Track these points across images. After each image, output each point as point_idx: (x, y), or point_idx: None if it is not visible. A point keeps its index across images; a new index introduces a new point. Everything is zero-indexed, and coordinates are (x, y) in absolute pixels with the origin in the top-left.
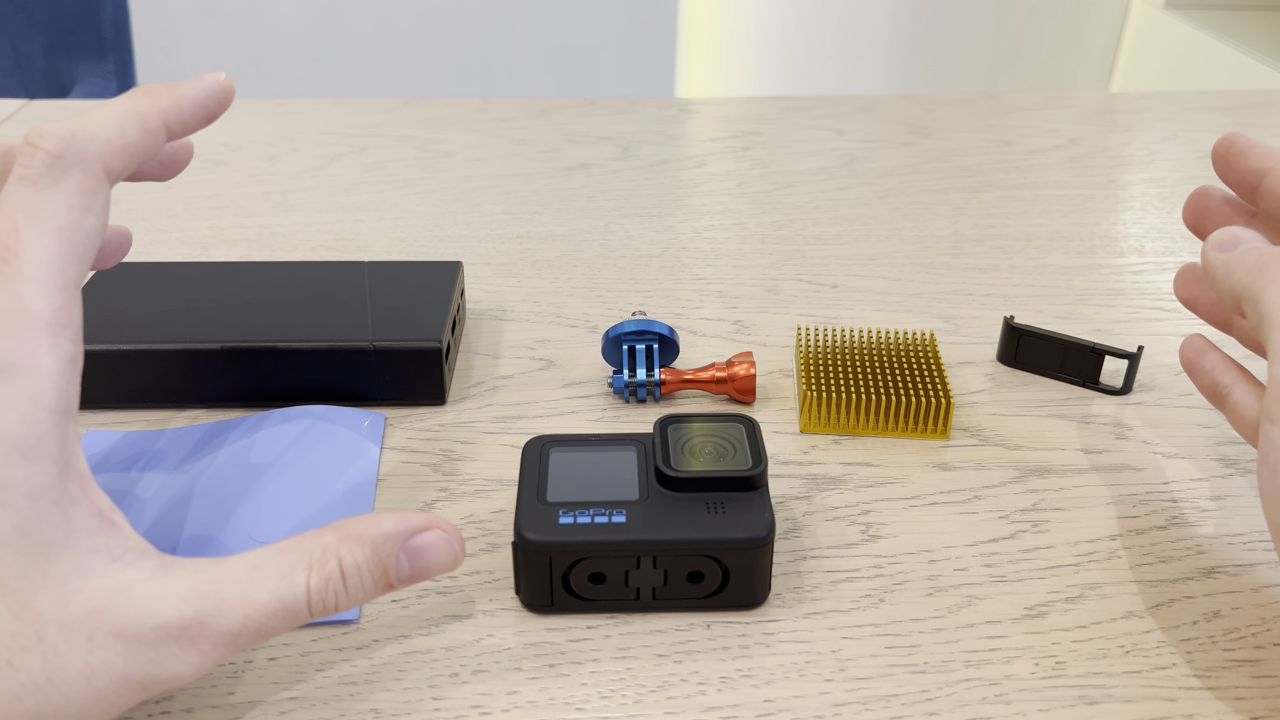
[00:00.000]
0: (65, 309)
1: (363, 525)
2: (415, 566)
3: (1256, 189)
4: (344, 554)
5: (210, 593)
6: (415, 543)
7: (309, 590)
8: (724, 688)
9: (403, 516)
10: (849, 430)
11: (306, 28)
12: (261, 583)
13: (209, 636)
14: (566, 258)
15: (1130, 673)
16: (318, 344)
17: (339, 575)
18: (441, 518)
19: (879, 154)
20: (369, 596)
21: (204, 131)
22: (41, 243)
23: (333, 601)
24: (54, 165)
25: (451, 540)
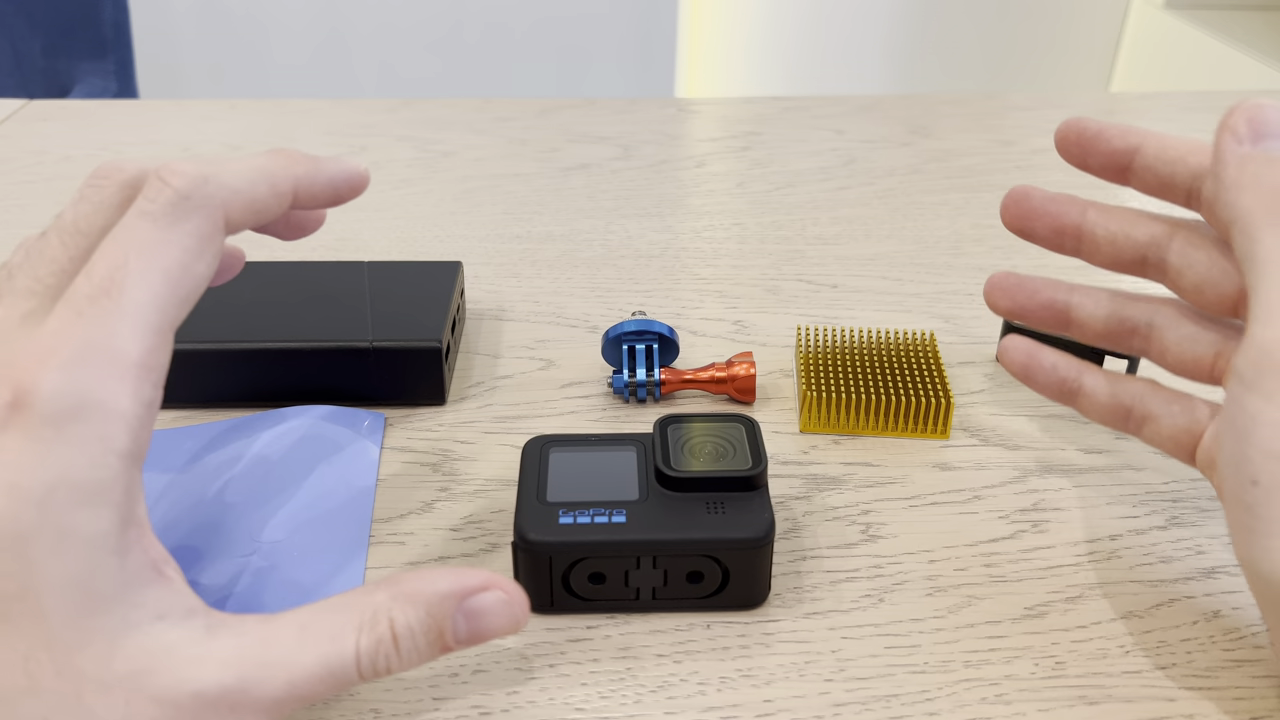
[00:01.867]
0: (155, 352)
1: (418, 584)
2: (473, 629)
3: (1129, 169)
4: (396, 615)
5: (254, 657)
6: (473, 604)
7: (359, 655)
8: (724, 688)
9: (461, 575)
10: (849, 430)
11: (306, 28)
12: (309, 646)
13: (250, 704)
14: (566, 258)
15: (1130, 673)
16: (318, 344)
17: (390, 638)
18: (502, 577)
19: (879, 154)
20: (423, 660)
21: (204, 132)
22: (146, 282)
23: (384, 665)
24: (178, 205)
25: (513, 602)
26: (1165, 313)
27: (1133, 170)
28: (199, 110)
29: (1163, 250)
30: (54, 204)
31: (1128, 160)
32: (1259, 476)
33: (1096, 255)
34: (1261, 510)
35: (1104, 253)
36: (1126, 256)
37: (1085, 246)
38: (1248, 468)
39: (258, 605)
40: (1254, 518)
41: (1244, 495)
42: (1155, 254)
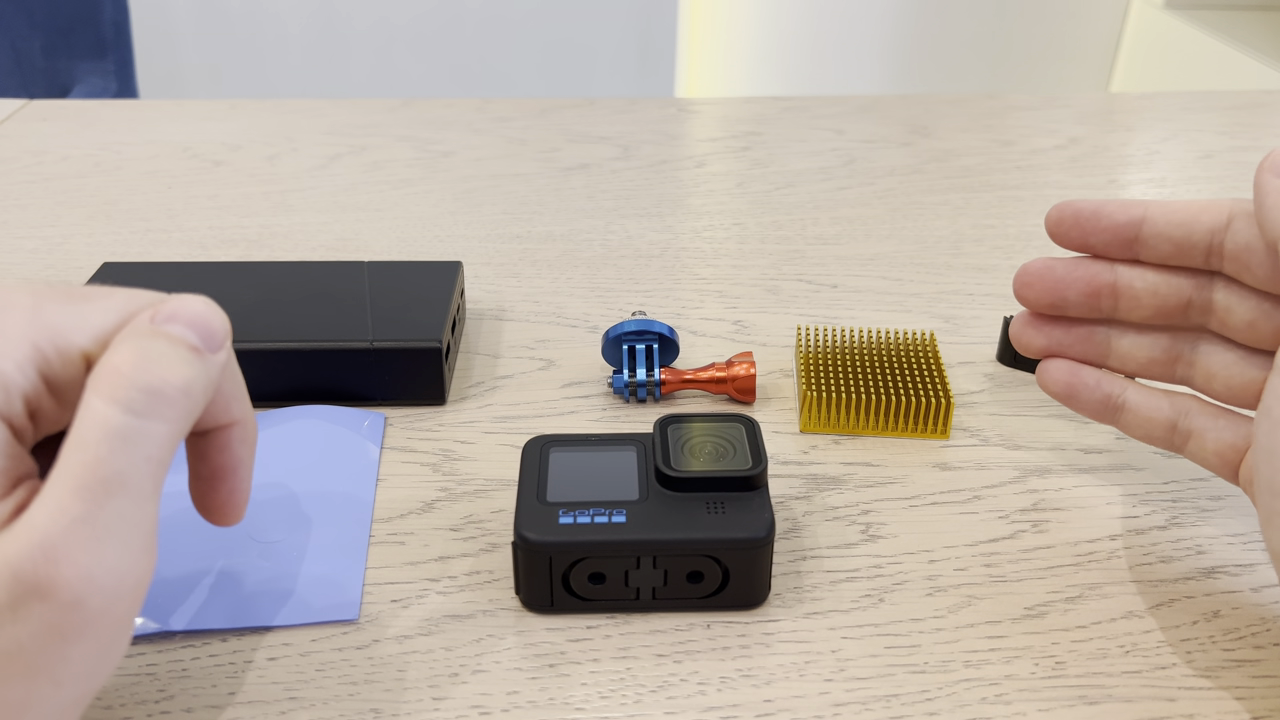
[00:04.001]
0: (60, 350)
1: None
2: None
3: (1136, 239)
4: (113, 357)
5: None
6: (165, 311)
7: (100, 401)
8: (724, 688)
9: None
10: (849, 430)
11: (306, 27)
12: (66, 442)
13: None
14: (566, 258)
15: (1130, 673)
16: (318, 344)
17: (114, 368)
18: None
19: (879, 154)
20: (183, 362)
21: (204, 131)
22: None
23: (131, 383)
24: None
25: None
26: (1208, 339)
27: (1141, 241)
28: (199, 110)
29: (1207, 291)
30: (54, 204)
31: (1134, 233)
32: None
33: (1137, 311)
34: None
35: (1146, 305)
36: (1171, 304)
37: (1124, 304)
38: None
39: (258, 605)
40: None
41: (1277, 481)
42: (1200, 296)
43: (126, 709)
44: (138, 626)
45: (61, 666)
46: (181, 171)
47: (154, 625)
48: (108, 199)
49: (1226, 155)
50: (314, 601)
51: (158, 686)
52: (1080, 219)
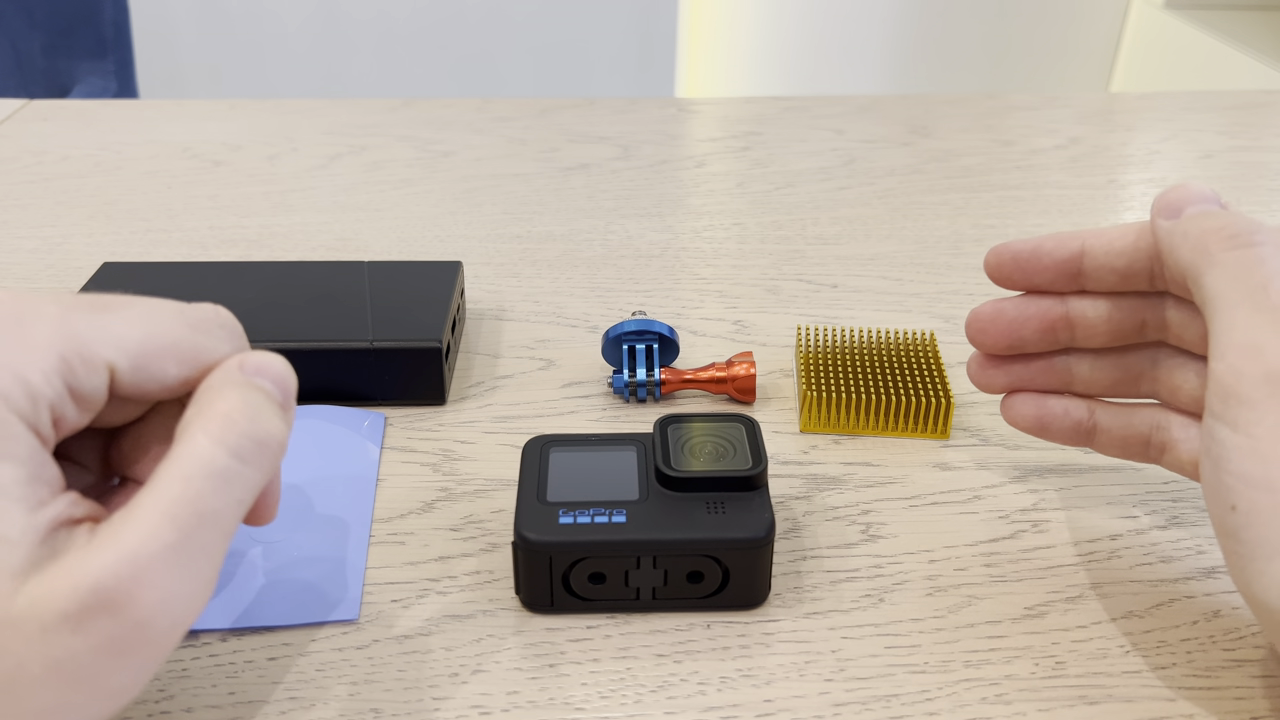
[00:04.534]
0: (86, 363)
1: (206, 405)
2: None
3: (1079, 273)
4: (219, 399)
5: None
6: (252, 364)
7: (210, 441)
8: (724, 688)
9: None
10: (849, 430)
11: (306, 27)
12: (168, 469)
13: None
14: (566, 258)
15: (1130, 673)
16: (318, 344)
17: (226, 414)
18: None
19: (879, 154)
20: (278, 417)
21: (204, 131)
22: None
23: (243, 431)
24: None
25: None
26: (1168, 352)
27: (1085, 274)
28: (199, 110)
29: (1159, 309)
30: (54, 204)
31: (1075, 267)
32: (1236, 501)
33: (1094, 338)
34: (1244, 534)
35: (1102, 332)
36: (1127, 327)
37: (1080, 334)
38: (1225, 494)
39: (258, 605)
40: (1238, 543)
41: (1226, 521)
42: (1154, 315)
43: (127, 709)
44: None
45: (105, 681)
46: (181, 171)
47: None
48: (108, 199)
49: (1226, 155)
50: (314, 601)
51: (158, 686)
52: (1020, 261)
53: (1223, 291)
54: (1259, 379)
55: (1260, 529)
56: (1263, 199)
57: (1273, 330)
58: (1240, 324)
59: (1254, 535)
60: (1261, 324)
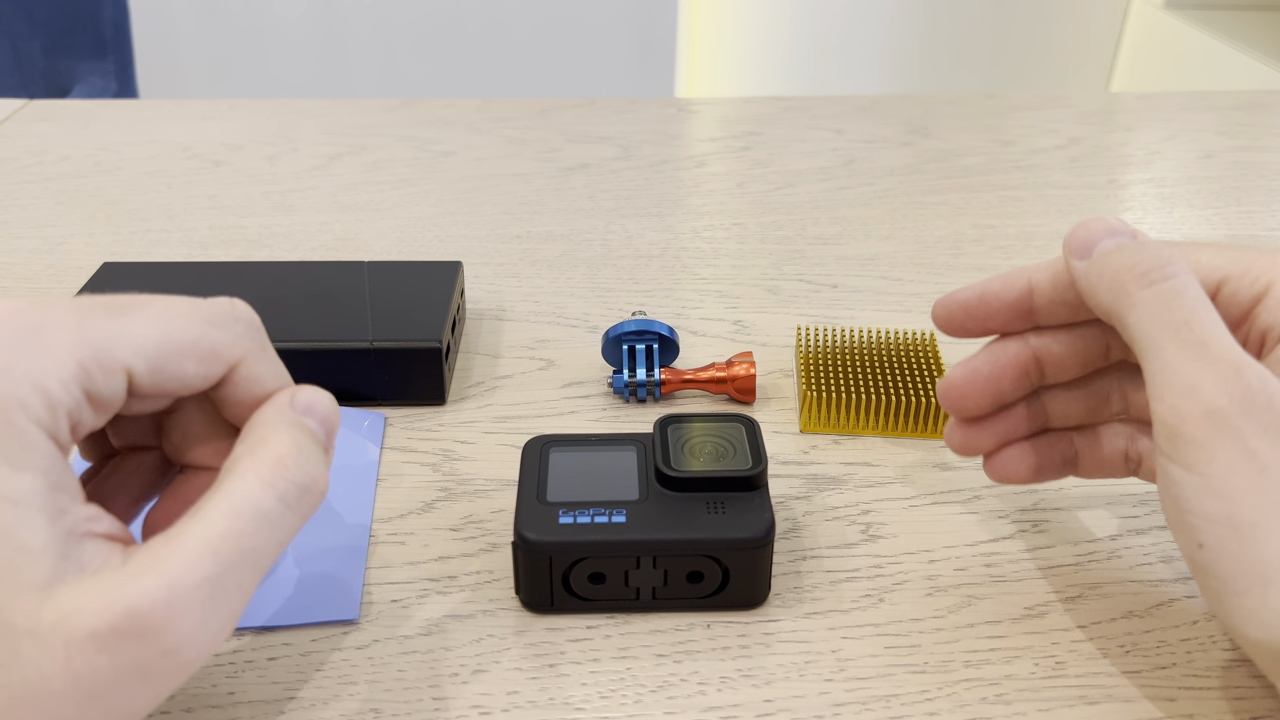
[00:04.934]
0: (104, 369)
1: (262, 444)
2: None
3: (1031, 310)
4: (272, 440)
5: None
6: (302, 402)
7: (259, 483)
8: (724, 688)
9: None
10: (849, 430)
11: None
12: (215, 503)
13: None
14: (566, 258)
15: (1130, 673)
16: (318, 344)
17: (278, 458)
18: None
19: (879, 154)
20: (323, 462)
21: (204, 131)
22: (142, 312)
23: (292, 477)
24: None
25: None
26: (1130, 369)
27: (1036, 310)
28: (199, 110)
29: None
30: (54, 204)
31: (1026, 305)
32: (1202, 539)
33: (1065, 372)
34: (1216, 570)
35: (1071, 365)
36: (1094, 354)
37: (1050, 371)
38: (1191, 533)
39: (258, 605)
40: (1211, 578)
41: (1196, 558)
42: (1116, 337)
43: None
44: None
45: (123, 703)
46: (181, 171)
47: None
48: (108, 199)
49: (1226, 155)
50: (314, 601)
51: None
52: (969, 309)
53: (1147, 331)
54: (1200, 418)
55: (1230, 564)
56: (1262, 199)
57: (1203, 367)
58: (1171, 364)
59: (1225, 570)
60: (1190, 361)
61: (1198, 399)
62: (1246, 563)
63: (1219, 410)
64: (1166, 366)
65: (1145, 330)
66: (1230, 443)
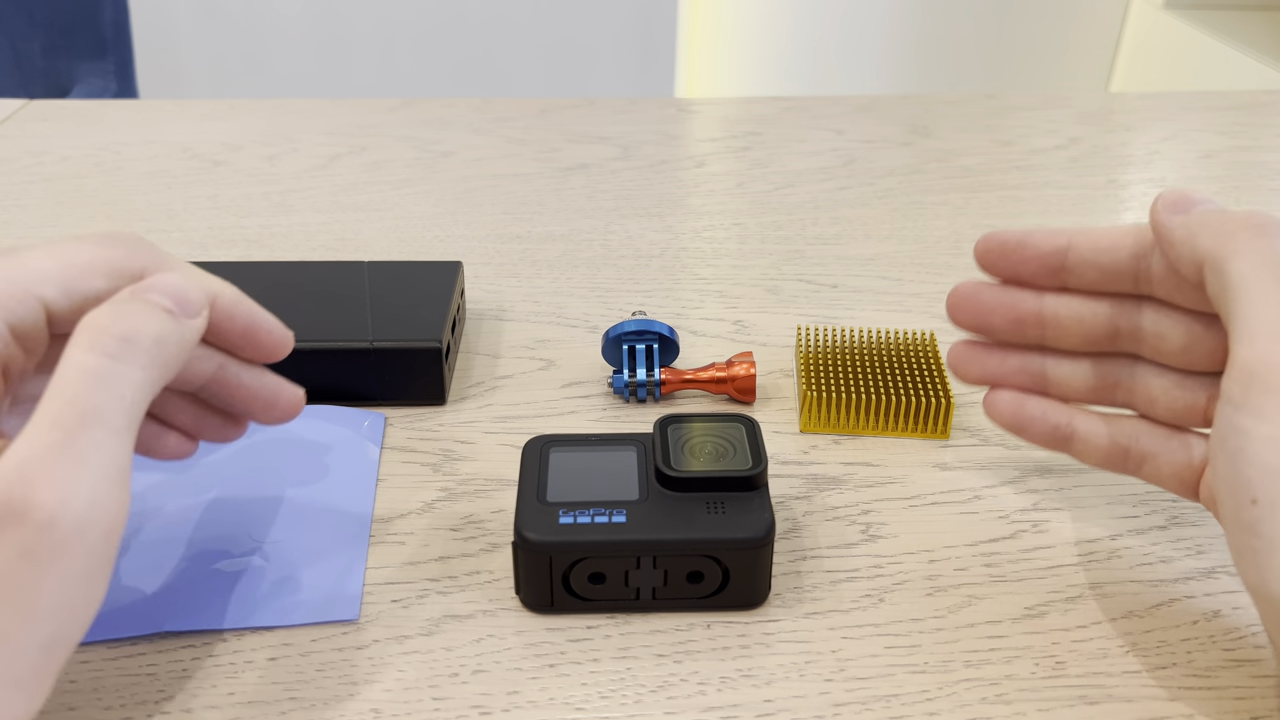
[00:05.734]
0: (15, 297)
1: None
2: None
3: (1063, 268)
4: (89, 317)
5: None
6: (141, 285)
7: (78, 348)
8: (724, 688)
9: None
10: (849, 430)
11: (306, 28)
12: (50, 383)
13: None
14: (566, 258)
15: (1130, 673)
16: (318, 344)
17: (92, 322)
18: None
19: (879, 154)
20: (151, 317)
21: (204, 131)
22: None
23: (109, 331)
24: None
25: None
26: (1143, 365)
27: (1068, 269)
28: (199, 110)
29: (1135, 318)
30: (54, 204)
31: (1059, 261)
32: (1257, 494)
33: (1064, 339)
34: (1264, 528)
35: (1073, 334)
36: (1098, 333)
37: (1050, 332)
38: (1245, 487)
39: (258, 605)
40: (1256, 536)
41: (1244, 515)
42: (1128, 324)
43: (126, 709)
44: (136, 627)
45: (34, 595)
46: (181, 171)
47: (154, 625)
48: (108, 199)
49: (1226, 155)
50: (314, 601)
51: (158, 686)
52: (1006, 250)
53: (1250, 276)
54: None
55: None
56: (1263, 199)
57: None
58: (1270, 308)
59: (1274, 529)
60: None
61: None
62: None
63: None
64: (1264, 312)
65: (1246, 273)
66: None
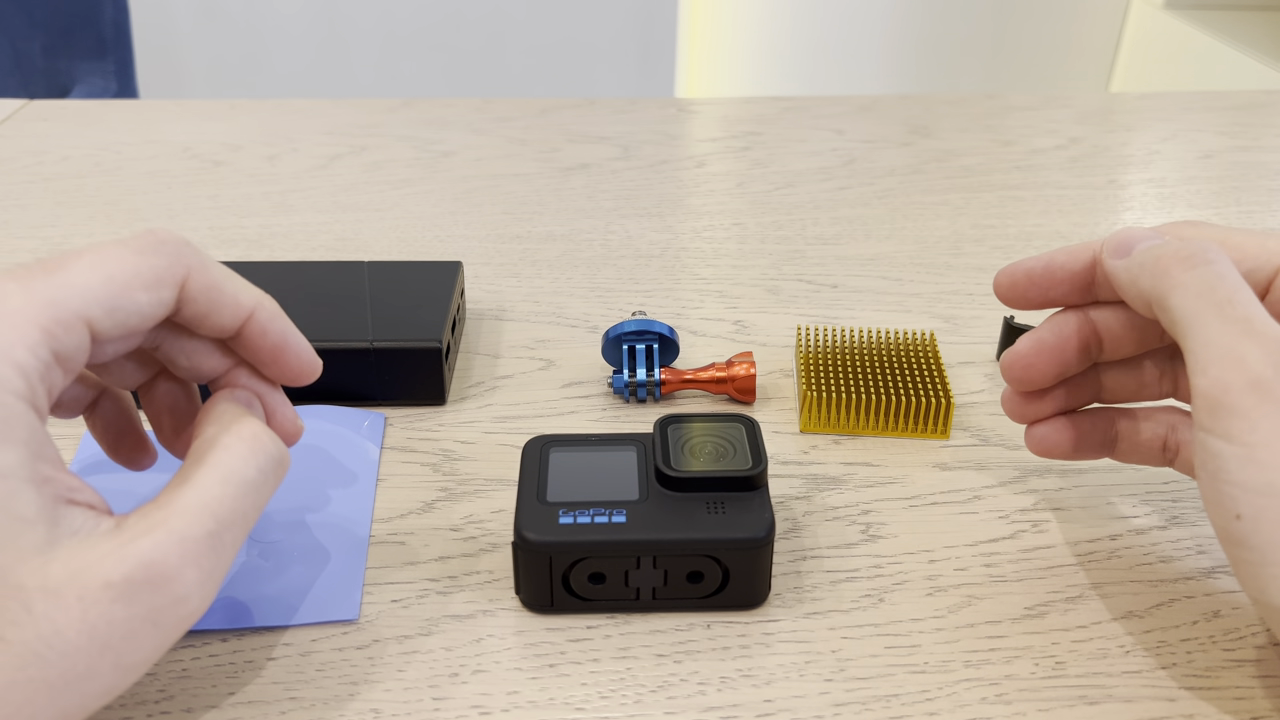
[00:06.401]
0: (67, 327)
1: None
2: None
3: (1093, 283)
4: (243, 420)
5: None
6: (244, 396)
7: (242, 457)
8: (724, 688)
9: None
10: (849, 430)
11: (306, 28)
12: (206, 472)
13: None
14: (566, 258)
15: (1130, 673)
16: (318, 344)
17: (254, 435)
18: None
19: (879, 154)
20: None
21: (204, 131)
22: (87, 269)
23: (267, 451)
24: (147, 238)
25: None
26: (1180, 363)
27: (1099, 283)
28: (199, 110)
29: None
30: (54, 204)
31: (1089, 277)
32: (1240, 509)
33: (1122, 348)
34: (1253, 540)
35: (1129, 341)
36: (1150, 333)
37: (1109, 346)
38: (1229, 504)
39: (258, 605)
40: (1247, 549)
41: (1232, 530)
42: None
43: (126, 709)
44: None
45: (131, 654)
46: (181, 171)
47: None
48: (108, 199)
49: (1226, 155)
50: (314, 601)
51: (158, 686)
52: (1034, 277)
53: (1191, 309)
54: (1245, 387)
55: (1268, 533)
56: (1263, 199)
57: (1248, 338)
58: (1215, 339)
59: (1263, 540)
60: (1234, 335)
61: (1242, 369)
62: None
63: (1263, 380)
64: (1210, 341)
65: (1188, 308)
66: (1274, 411)
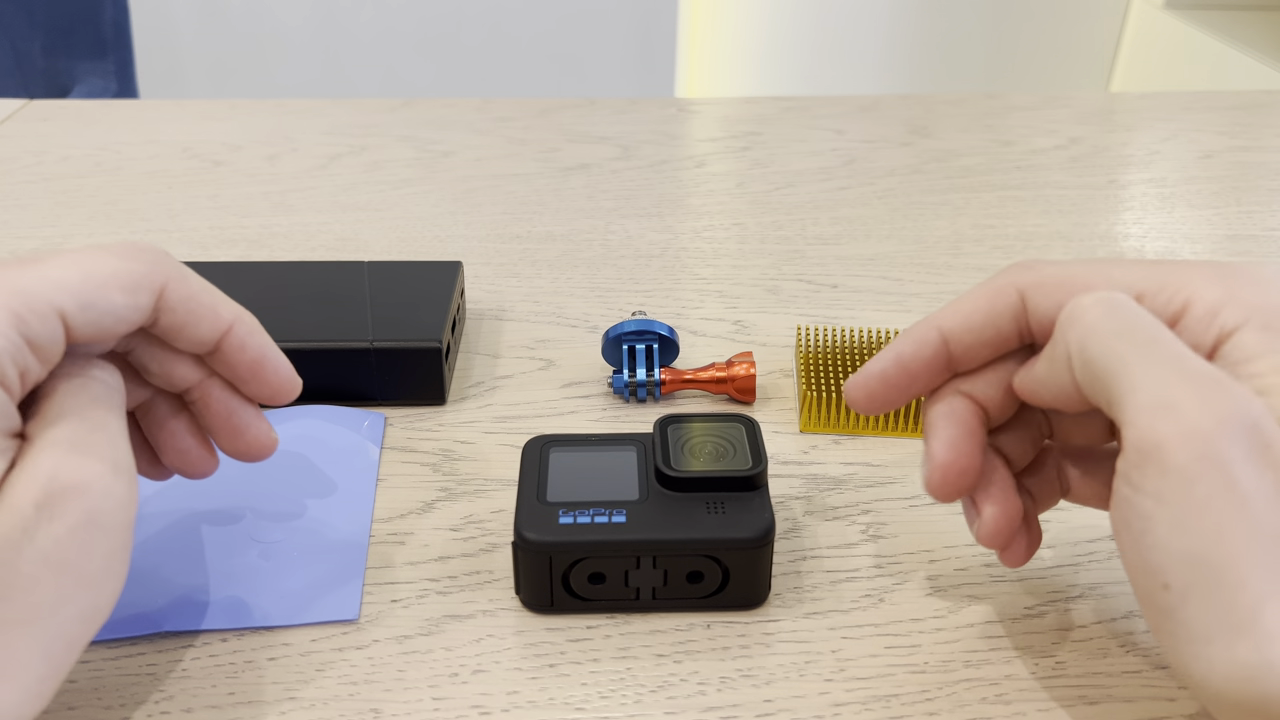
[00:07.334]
0: (35, 310)
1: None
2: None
3: (949, 359)
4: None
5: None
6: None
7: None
8: (724, 688)
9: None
10: (849, 430)
11: (306, 27)
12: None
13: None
14: (566, 258)
15: (1130, 673)
16: (318, 344)
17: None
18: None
19: (879, 154)
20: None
21: (204, 131)
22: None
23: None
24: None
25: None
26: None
27: (955, 359)
28: (199, 110)
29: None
30: (54, 204)
31: (944, 357)
32: (1169, 580)
33: (1005, 411)
34: (1180, 614)
35: (1009, 403)
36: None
37: (994, 413)
38: (1155, 573)
39: (258, 605)
40: (1173, 623)
41: (1157, 600)
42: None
43: (126, 709)
44: (136, 627)
45: (89, 563)
46: (181, 171)
47: (154, 625)
48: (108, 199)
49: (1226, 155)
50: (314, 601)
51: (158, 686)
52: (888, 380)
53: (1110, 353)
54: (1179, 441)
55: (1197, 609)
56: (1262, 199)
57: (1181, 383)
58: (1142, 383)
59: (1191, 615)
60: (1164, 378)
61: (1176, 419)
62: (1217, 608)
63: (1200, 432)
64: (1137, 386)
65: (1108, 352)
66: (1211, 470)
